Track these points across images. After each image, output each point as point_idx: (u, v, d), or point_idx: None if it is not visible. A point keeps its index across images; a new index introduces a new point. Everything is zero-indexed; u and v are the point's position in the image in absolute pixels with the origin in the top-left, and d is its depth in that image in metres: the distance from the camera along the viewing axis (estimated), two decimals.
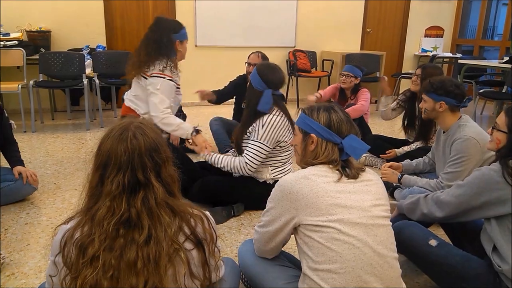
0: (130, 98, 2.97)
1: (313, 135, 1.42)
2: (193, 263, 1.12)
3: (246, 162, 2.42)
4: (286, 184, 1.35)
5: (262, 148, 2.41)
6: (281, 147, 2.50)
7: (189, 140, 2.71)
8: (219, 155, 2.57)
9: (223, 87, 3.89)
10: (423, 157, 2.81)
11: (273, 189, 1.41)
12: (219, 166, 2.53)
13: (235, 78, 3.90)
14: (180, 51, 2.91)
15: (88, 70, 4.78)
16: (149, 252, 1.03)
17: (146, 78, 2.79)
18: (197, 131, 2.69)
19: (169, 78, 2.79)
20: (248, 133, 2.48)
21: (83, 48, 5.09)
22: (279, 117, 2.43)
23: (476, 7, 7.35)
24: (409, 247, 1.69)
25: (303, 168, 1.45)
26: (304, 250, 1.33)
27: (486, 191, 1.54)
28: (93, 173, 1.10)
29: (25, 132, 4.39)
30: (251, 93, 2.46)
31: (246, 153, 2.43)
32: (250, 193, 2.56)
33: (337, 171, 1.36)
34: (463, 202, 1.61)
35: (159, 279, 1.04)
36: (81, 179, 3.11)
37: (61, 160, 3.55)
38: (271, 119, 2.41)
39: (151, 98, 2.77)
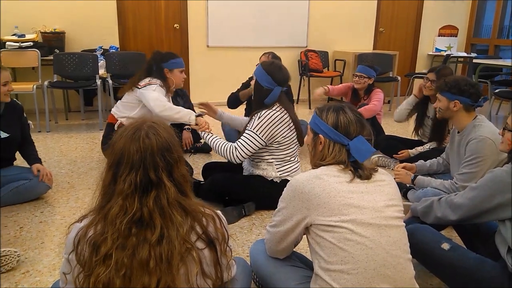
0: (116, 105, 3.31)
1: (321, 135, 1.42)
2: (205, 262, 1.12)
3: (236, 148, 2.43)
4: (298, 184, 1.34)
5: (255, 139, 2.41)
6: (279, 143, 2.48)
7: (190, 125, 2.80)
8: (215, 136, 2.57)
9: (235, 91, 3.87)
10: (437, 157, 2.77)
11: (285, 189, 1.40)
12: (212, 147, 2.56)
13: (247, 79, 3.89)
14: (171, 78, 3.14)
15: (102, 71, 4.83)
16: (162, 251, 1.04)
17: (139, 88, 3.05)
18: (200, 115, 2.76)
19: (160, 84, 3.06)
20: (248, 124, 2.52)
21: (96, 49, 5.15)
22: (278, 113, 2.43)
23: (492, 5, 7.23)
24: (422, 251, 1.67)
25: (314, 168, 1.44)
26: (316, 250, 1.32)
27: (499, 193, 1.52)
28: (106, 171, 1.11)
29: (39, 132, 4.45)
30: (259, 91, 2.47)
31: (238, 140, 2.45)
32: (258, 192, 2.56)
33: (350, 172, 1.35)
34: (477, 204, 1.59)
35: (172, 279, 1.04)
36: (94, 178, 3.14)
37: (74, 159, 3.59)
38: (268, 113, 2.42)
39: (149, 96, 2.96)
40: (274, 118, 2.42)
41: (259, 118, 2.42)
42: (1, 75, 2.44)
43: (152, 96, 2.94)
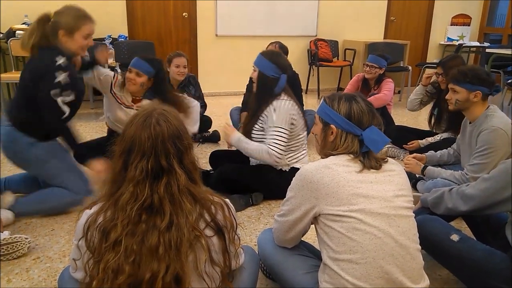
0: None
1: (332, 126, 1.39)
2: (214, 250, 1.12)
3: (267, 151, 2.39)
4: (306, 173, 1.33)
5: (282, 132, 2.40)
6: (292, 131, 2.48)
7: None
8: (246, 141, 2.48)
9: (245, 95, 3.83)
10: (448, 148, 2.74)
11: (294, 178, 1.39)
12: (245, 153, 2.50)
13: (248, 83, 3.86)
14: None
15: (110, 60, 4.84)
16: (171, 238, 1.04)
17: None
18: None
19: None
20: (260, 122, 2.47)
21: (105, 38, 5.14)
22: (289, 101, 2.44)
23: None
24: (431, 242, 1.65)
25: (323, 158, 1.42)
26: (324, 240, 1.31)
27: None
28: (117, 159, 1.11)
29: None
30: (265, 82, 2.42)
31: (268, 142, 2.41)
32: (267, 181, 2.55)
33: (359, 161, 1.34)
34: (489, 196, 1.57)
35: (180, 265, 1.04)
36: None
37: None
38: (282, 103, 2.41)
39: None
40: (287, 106, 2.41)
41: (275, 110, 2.39)
42: (85, 27, 2.28)
43: None
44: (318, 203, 1.30)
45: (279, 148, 2.40)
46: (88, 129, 4.20)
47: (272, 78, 2.40)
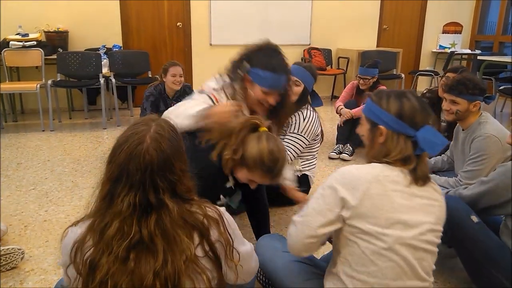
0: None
1: (381, 126, 1.25)
2: (212, 276, 1.06)
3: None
4: (353, 177, 1.21)
5: (301, 141, 2.46)
6: (315, 140, 2.56)
7: None
8: None
9: None
10: (441, 155, 2.75)
11: (333, 176, 1.25)
12: None
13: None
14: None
15: (105, 70, 4.84)
16: (167, 276, 0.97)
17: None
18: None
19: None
20: (284, 130, 2.50)
21: (99, 48, 5.16)
22: (313, 112, 2.53)
23: (496, 2, 7.18)
24: (452, 217, 1.58)
25: (373, 162, 1.28)
26: (341, 251, 1.25)
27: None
28: (104, 184, 1.04)
29: (43, 131, 4.46)
30: (305, 95, 2.52)
31: (286, 147, 2.42)
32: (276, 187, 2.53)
33: (408, 175, 1.22)
34: (488, 198, 1.59)
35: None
36: (98, 177, 3.14)
37: (78, 158, 3.60)
38: (310, 113, 2.48)
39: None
40: (314, 118, 2.50)
41: (304, 119, 2.46)
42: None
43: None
44: (355, 211, 1.19)
45: (292, 154, 2.45)
46: (83, 139, 4.19)
47: (308, 90, 2.51)
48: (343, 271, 1.24)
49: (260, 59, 1.95)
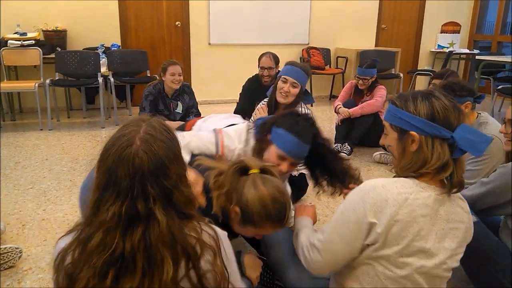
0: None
1: (412, 132, 1.12)
2: None
3: None
4: (380, 197, 1.10)
5: None
6: None
7: None
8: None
9: (238, 104, 3.81)
10: None
11: (356, 195, 1.15)
12: None
13: (246, 81, 3.85)
14: None
15: (103, 69, 4.83)
16: None
17: None
18: None
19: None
20: None
21: (98, 47, 5.15)
22: (307, 110, 2.57)
23: (494, 2, 7.19)
24: None
25: (400, 176, 1.17)
26: (353, 266, 1.19)
27: None
28: (94, 191, 0.95)
29: (41, 130, 4.45)
30: (301, 94, 2.60)
31: None
32: None
33: (443, 182, 1.13)
34: (489, 199, 1.60)
35: None
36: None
37: (76, 157, 3.60)
38: (304, 111, 2.50)
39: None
40: (310, 114, 2.52)
41: None
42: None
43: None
44: (379, 238, 1.10)
45: None
46: (81, 138, 4.18)
47: (303, 89, 2.58)
48: (351, 286, 1.20)
49: (287, 120, 1.69)
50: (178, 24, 5.71)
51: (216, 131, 1.80)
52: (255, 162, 1.35)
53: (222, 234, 1.01)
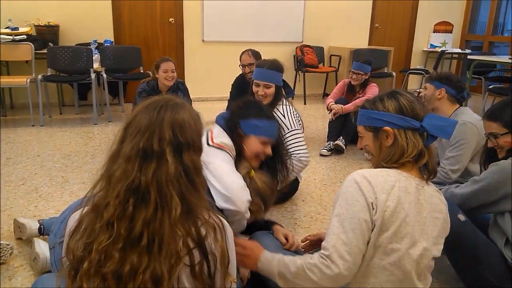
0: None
1: (386, 128, 1.24)
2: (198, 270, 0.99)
3: (300, 159, 2.43)
4: (366, 186, 1.17)
5: (299, 134, 2.49)
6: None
7: None
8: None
9: (229, 101, 3.81)
10: None
11: (349, 190, 1.18)
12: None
13: (235, 79, 3.88)
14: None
15: (96, 65, 4.80)
16: (154, 232, 0.95)
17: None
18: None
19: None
20: None
21: (91, 42, 5.11)
22: (289, 105, 2.57)
23: (486, 2, 7.25)
24: None
25: (379, 166, 1.26)
26: None
27: (505, 185, 1.54)
28: (120, 132, 1.06)
29: (33, 126, 4.42)
30: (278, 91, 2.55)
31: (294, 150, 2.43)
32: None
33: (419, 172, 1.22)
34: (480, 197, 1.62)
35: (160, 266, 0.95)
36: (88, 172, 3.13)
37: (68, 154, 3.58)
38: (287, 107, 2.53)
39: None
40: (292, 108, 2.55)
41: (284, 116, 2.48)
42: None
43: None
44: (375, 224, 1.16)
45: (303, 150, 2.46)
46: (73, 135, 4.15)
47: (279, 86, 2.55)
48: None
49: (248, 110, 1.79)
50: (172, 20, 5.69)
51: (221, 148, 1.71)
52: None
53: (227, 225, 1.07)
